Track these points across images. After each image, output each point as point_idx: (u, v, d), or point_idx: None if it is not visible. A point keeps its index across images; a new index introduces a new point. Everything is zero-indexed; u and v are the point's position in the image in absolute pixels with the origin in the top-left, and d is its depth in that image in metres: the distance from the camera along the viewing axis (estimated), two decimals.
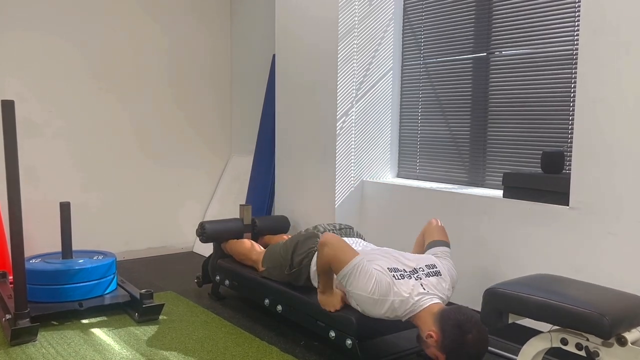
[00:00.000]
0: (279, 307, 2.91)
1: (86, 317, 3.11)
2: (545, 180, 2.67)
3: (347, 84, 3.53)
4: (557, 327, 1.87)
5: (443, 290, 2.41)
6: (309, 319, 2.70)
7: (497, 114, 3.12)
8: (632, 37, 2.27)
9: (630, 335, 1.74)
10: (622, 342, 1.72)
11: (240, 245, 3.36)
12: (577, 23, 2.69)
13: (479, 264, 2.91)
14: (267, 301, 3.00)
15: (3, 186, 3.71)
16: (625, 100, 2.30)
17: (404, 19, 3.67)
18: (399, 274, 2.36)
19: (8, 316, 2.82)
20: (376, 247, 2.84)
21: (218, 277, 3.44)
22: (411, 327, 2.44)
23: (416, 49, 3.58)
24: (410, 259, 2.51)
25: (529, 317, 1.87)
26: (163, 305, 3.11)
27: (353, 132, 3.59)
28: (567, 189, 2.54)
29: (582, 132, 2.46)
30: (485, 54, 3.16)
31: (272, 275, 2.99)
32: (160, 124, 4.59)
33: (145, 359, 2.59)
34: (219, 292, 3.50)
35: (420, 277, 2.39)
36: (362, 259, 2.37)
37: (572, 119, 2.73)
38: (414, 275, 2.40)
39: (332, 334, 2.54)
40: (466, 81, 3.27)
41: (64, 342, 2.77)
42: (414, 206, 3.26)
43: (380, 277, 2.31)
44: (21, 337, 2.73)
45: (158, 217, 4.64)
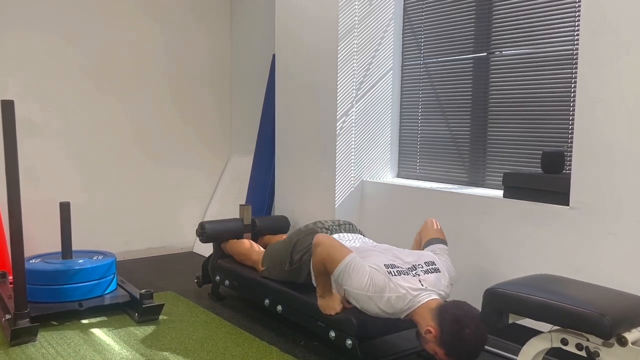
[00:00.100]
0: (279, 307, 2.91)
1: (86, 317, 3.11)
2: (546, 180, 2.66)
3: (347, 84, 3.53)
4: (558, 327, 1.86)
5: (442, 287, 2.42)
6: (309, 319, 2.70)
7: (497, 114, 3.12)
8: (632, 37, 2.27)
9: (630, 336, 1.74)
10: (623, 342, 1.72)
11: (240, 246, 3.36)
12: (577, 23, 2.69)
13: (479, 264, 2.91)
14: (267, 301, 3.00)
15: (3, 186, 3.71)
16: (625, 100, 2.30)
17: (404, 19, 3.67)
18: (395, 270, 2.36)
19: (8, 316, 2.82)
20: (376, 243, 2.84)
21: (218, 277, 3.44)
22: (411, 327, 2.44)
23: (416, 49, 3.58)
24: (409, 255, 2.52)
25: (529, 317, 1.87)
26: (163, 305, 3.11)
27: (353, 132, 3.59)
28: (567, 189, 2.54)
29: (582, 132, 2.46)
30: (485, 54, 3.16)
31: (273, 274, 2.99)
32: (160, 124, 4.60)
33: (145, 359, 2.59)
34: (219, 292, 3.50)
35: (418, 274, 2.40)
36: (354, 256, 2.38)
37: (572, 119, 2.72)
38: (412, 271, 2.40)
39: (332, 334, 2.54)
40: (466, 81, 3.27)
41: (63, 342, 2.76)
42: (414, 206, 3.26)
43: (374, 274, 2.32)
44: (21, 337, 2.73)
45: (158, 217, 4.64)
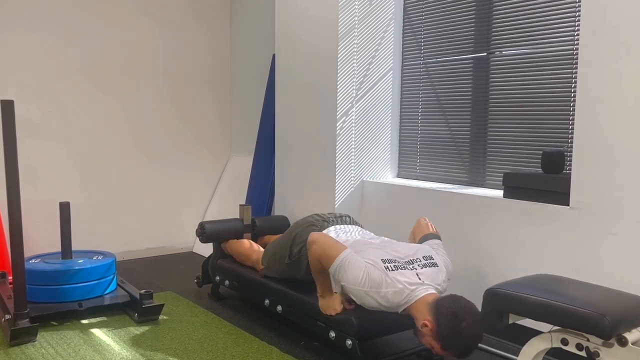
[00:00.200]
0: (279, 308, 2.91)
1: (86, 318, 3.11)
2: (546, 180, 2.66)
3: (347, 84, 3.53)
4: (558, 328, 1.86)
5: (439, 281, 2.43)
6: (309, 319, 2.70)
7: (497, 114, 3.12)
8: (632, 37, 2.27)
9: (630, 336, 1.74)
10: (623, 342, 1.72)
11: (240, 246, 3.36)
12: (577, 23, 2.69)
13: (479, 264, 2.90)
14: (267, 301, 3.00)
15: (3, 186, 3.71)
16: (625, 100, 2.30)
17: (404, 19, 3.66)
18: (393, 265, 2.37)
19: (7, 316, 2.81)
20: (375, 236, 2.83)
21: (218, 278, 3.44)
22: (411, 327, 2.44)
23: (416, 49, 3.58)
24: (408, 249, 2.53)
25: (530, 318, 1.87)
26: (163, 305, 3.11)
27: (353, 132, 3.59)
28: (567, 189, 2.53)
29: (582, 132, 2.45)
30: (485, 54, 3.16)
31: (272, 270, 2.99)
32: (160, 124, 4.59)
33: (145, 359, 2.59)
34: (218, 292, 3.50)
35: (415, 268, 2.41)
36: (349, 252, 2.39)
37: (572, 119, 2.72)
38: (410, 265, 2.41)
39: (332, 334, 2.54)
40: (466, 81, 3.27)
41: (63, 343, 2.76)
42: (414, 206, 3.26)
43: (370, 269, 2.33)
44: (21, 337, 2.73)
45: (158, 217, 4.64)
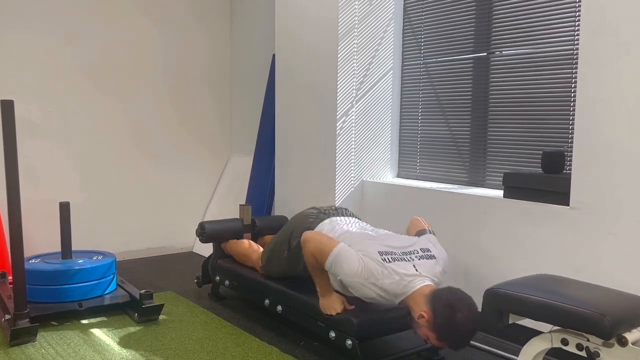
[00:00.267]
0: (279, 308, 2.90)
1: (86, 318, 3.11)
2: (546, 180, 2.66)
3: (347, 84, 3.53)
4: (558, 328, 1.86)
5: (436, 273, 2.43)
6: (309, 319, 2.69)
7: (497, 114, 3.11)
8: (632, 37, 2.27)
9: (630, 336, 1.74)
10: (623, 342, 1.72)
11: (240, 246, 3.36)
12: (577, 23, 2.69)
13: (479, 264, 2.90)
14: (267, 301, 3.00)
15: (3, 186, 3.71)
16: (625, 100, 2.30)
17: (404, 19, 3.66)
18: (389, 257, 2.39)
19: (7, 316, 2.81)
20: (373, 228, 2.84)
21: (218, 278, 3.43)
22: (411, 327, 2.44)
23: (416, 49, 3.58)
24: (405, 240, 2.55)
25: (530, 318, 1.87)
26: (163, 305, 3.11)
27: (353, 132, 3.59)
28: (568, 189, 2.53)
29: (582, 132, 2.45)
30: (485, 53, 3.16)
31: (271, 267, 2.99)
32: (160, 124, 4.59)
33: (145, 359, 2.59)
34: (218, 292, 3.50)
35: (412, 259, 2.42)
36: (343, 245, 2.42)
37: (572, 119, 2.72)
38: (407, 257, 2.42)
39: (332, 334, 2.54)
40: (466, 81, 3.26)
41: (63, 343, 2.76)
42: (414, 206, 3.26)
43: (366, 261, 2.34)
44: (20, 337, 2.73)
45: (158, 217, 4.64)
